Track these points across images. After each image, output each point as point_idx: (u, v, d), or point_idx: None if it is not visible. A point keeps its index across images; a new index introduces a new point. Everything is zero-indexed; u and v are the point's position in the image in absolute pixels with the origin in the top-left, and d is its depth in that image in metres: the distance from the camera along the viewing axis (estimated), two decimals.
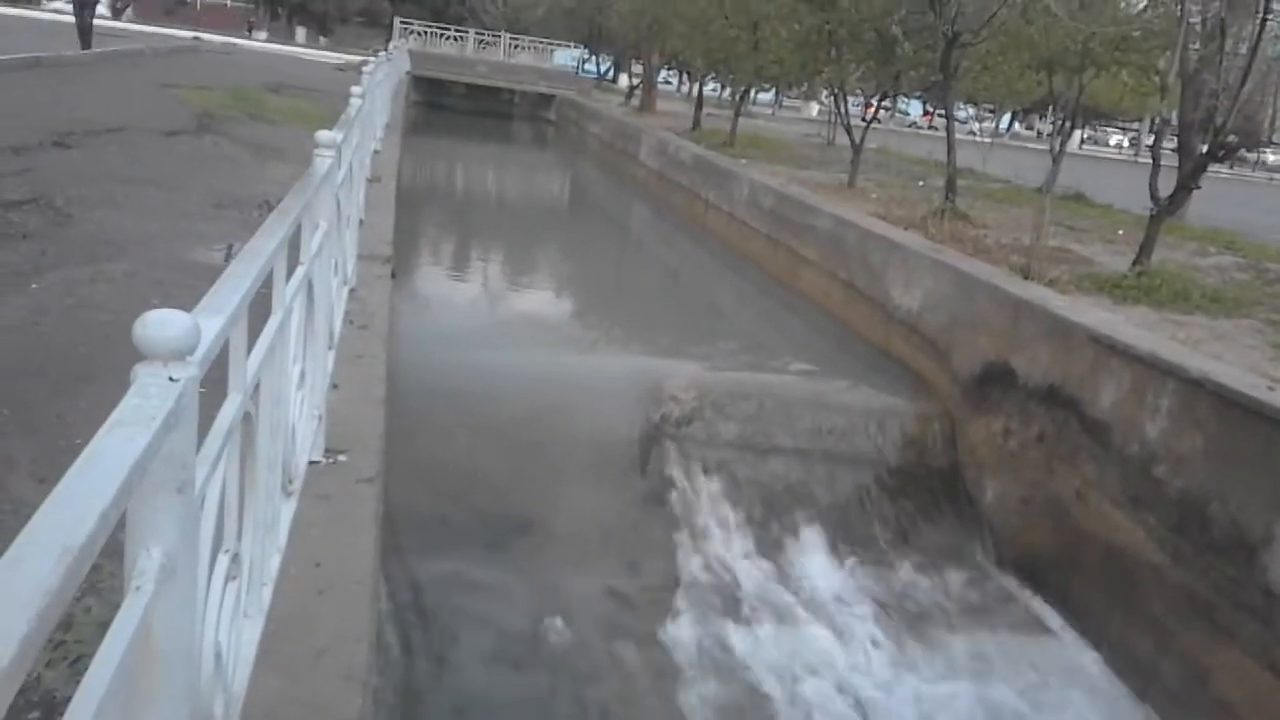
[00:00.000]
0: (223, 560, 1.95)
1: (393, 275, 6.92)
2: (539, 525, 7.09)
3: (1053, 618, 6.64)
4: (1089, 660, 6.19)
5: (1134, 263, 8.99)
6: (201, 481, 1.59)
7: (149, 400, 1.28)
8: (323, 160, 3.74)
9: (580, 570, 6.72)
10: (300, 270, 3.08)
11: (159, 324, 1.35)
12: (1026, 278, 8.50)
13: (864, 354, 9.80)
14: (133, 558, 1.33)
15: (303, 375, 3.24)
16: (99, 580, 3.16)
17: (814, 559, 7.33)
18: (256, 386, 2.35)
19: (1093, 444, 6.73)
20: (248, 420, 2.16)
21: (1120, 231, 11.95)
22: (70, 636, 2.84)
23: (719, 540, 7.34)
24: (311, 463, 3.60)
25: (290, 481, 3.08)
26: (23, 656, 0.77)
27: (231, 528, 2.06)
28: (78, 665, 2.75)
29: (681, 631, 6.24)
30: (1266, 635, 5.18)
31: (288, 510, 2.99)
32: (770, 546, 7.38)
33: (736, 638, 6.24)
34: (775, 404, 8.22)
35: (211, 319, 1.65)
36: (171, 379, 1.34)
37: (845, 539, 7.55)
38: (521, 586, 6.48)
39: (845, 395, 8.48)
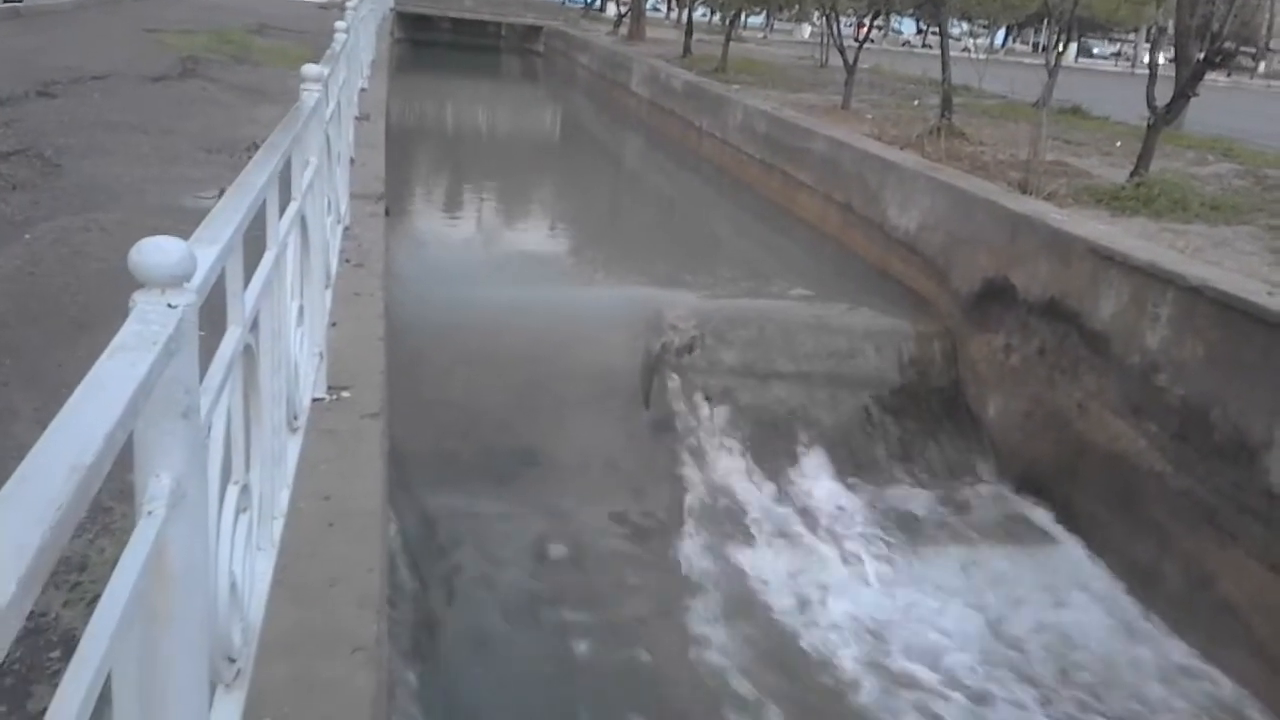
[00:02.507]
0: (232, 491, 1.97)
1: (386, 213, 6.88)
2: (544, 457, 7.14)
3: (1055, 528, 6.72)
4: (1091, 568, 6.27)
5: (1132, 174, 8.93)
6: (206, 410, 1.60)
7: (149, 326, 1.28)
8: (310, 94, 3.70)
9: (586, 499, 6.78)
10: (293, 206, 3.05)
11: (155, 250, 1.34)
12: (1024, 192, 8.45)
13: (863, 276, 9.78)
14: (143, 484, 1.34)
15: (301, 312, 3.24)
16: (111, 522, 3.19)
17: (817, 480, 7.39)
18: (256, 321, 2.35)
19: (1093, 356, 6.74)
20: (249, 353, 2.16)
21: (1118, 143, 11.84)
22: (85, 577, 2.87)
23: (722, 465, 7.39)
24: (315, 400, 3.61)
25: (295, 418, 3.09)
26: (39, 566, 0.78)
27: (239, 460, 2.07)
28: (95, 605, 2.79)
29: (688, 554, 6.32)
30: (1268, 536, 5.24)
31: (294, 446, 3.01)
32: (773, 469, 7.44)
33: (742, 557, 6.32)
34: (775, 329, 8.22)
35: (207, 249, 1.64)
36: (170, 305, 1.34)
37: (848, 460, 7.61)
38: (529, 517, 6.54)
39: (845, 318, 8.48)
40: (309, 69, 3.84)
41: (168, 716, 1.42)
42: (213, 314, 1.89)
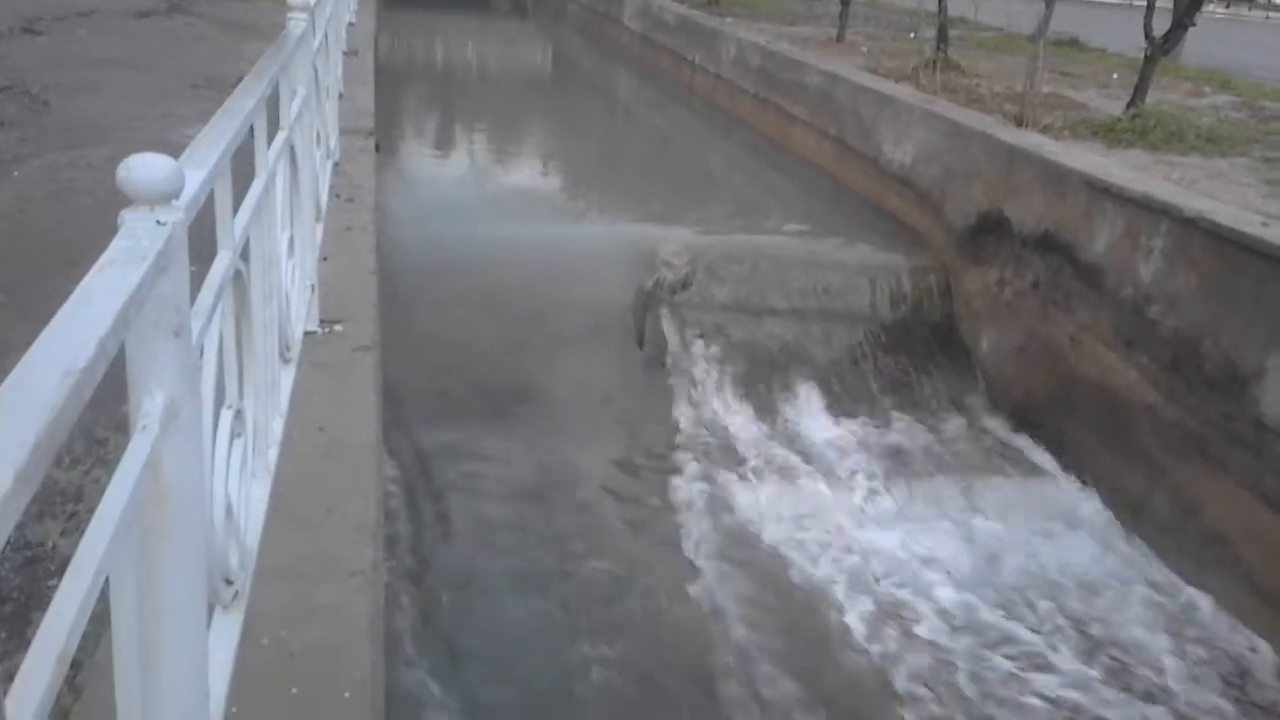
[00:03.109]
0: (226, 416, 1.98)
1: (376, 148, 6.82)
2: (538, 394, 7.16)
3: (1047, 460, 6.77)
4: (1082, 499, 6.33)
5: (1128, 106, 8.86)
6: (198, 331, 1.60)
7: (138, 242, 1.28)
8: (296, 23, 3.65)
9: (580, 436, 6.81)
10: (281, 135, 3.03)
11: (143, 167, 1.33)
12: (1020, 125, 8.39)
13: (857, 211, 9.73)
14: (137, 401, 1.34)
15: (291, 243, 3.22)
16: (106, 454, 3.21)
17: (811, 415, 7.42)
18: (246, 249, 2.34)
19: (1087, 289, 6.74)
20: (239, 280, 2.15)
21: (1114, 75, 11.74)
22: (81, 507, 2.89)
23: (716, 401, 7.42)
24: (308, 333, 3.62)
25: (288, 349, 3.10)
26: (35, 461, 0.78)
27: (232, 385, 2.08)
28: None
29: (681, 488, 6.37)
30: (1258, 465, 5.28)
31: (287, 377, 3.01)
32: (767, 405, 7.47)
33: (735, 492, 6.37)
34: (769, 265, 8.20)
35: (195, 169, 1.63)
36: (159, 223, 1.34)
37: (841, 395, 7.64)
38: (523, 453, 6.58)
39: (839, 253, 8.45)
40: None
41: (165, 631, 1.43)
42: (203, 251, 1.89)
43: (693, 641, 5.09)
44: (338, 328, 3.76)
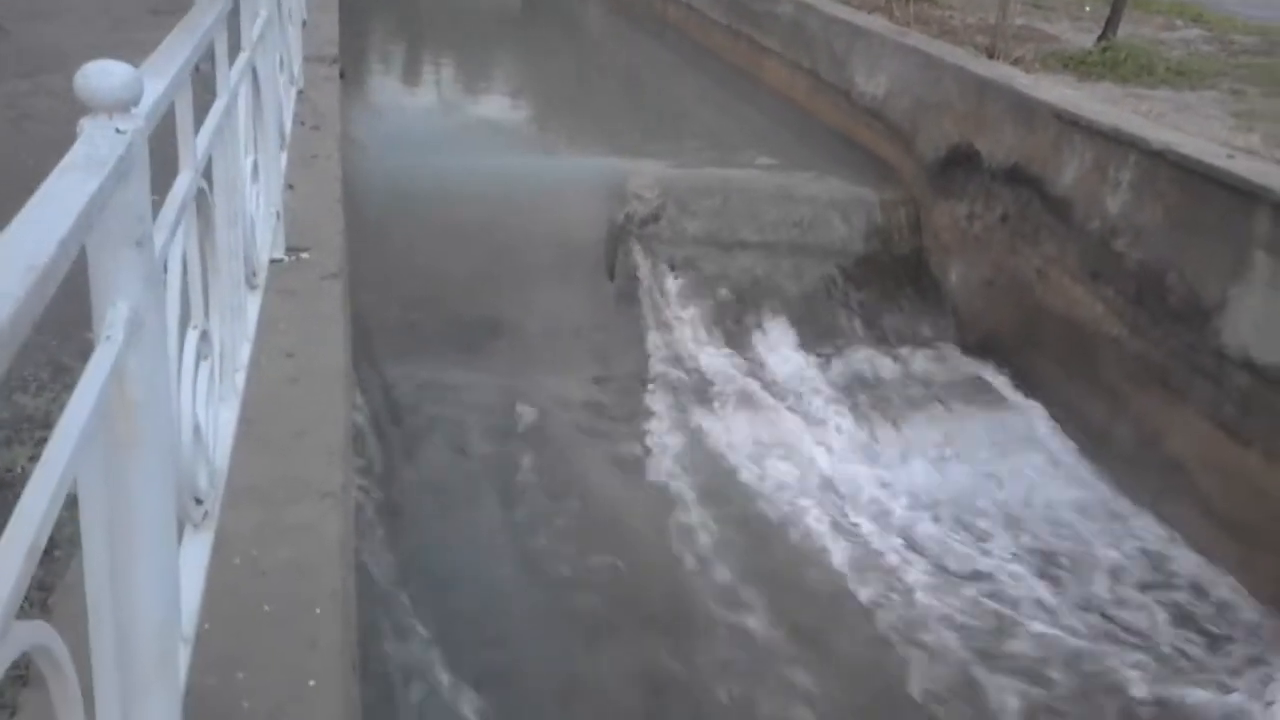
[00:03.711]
0: (192, 336, 1.96)
1: (341, 75, 6.71)
2: (509, 327, 7.15)
3: (1013, 392, 6.84)
4: (1046, 430, 6.42)
5: (1099, 38, 8.84)
6: (161, 245, 1.58)
7: (97, 149, 1.26)
8: None
9: (552, 369, 6.83)
10: (243, 56, 2.97)
11: (101, 74, 1.32)
12: (992, 57, 8.35)
13: (829, 144, 9.68)
14: (101, 312, 1.33)
15: (256, 168, 3.18)
16: (72, 381, 3.19)
17: (781, 349, 7.46)
18: (209, 170, 2.32)
19: (1055, 221, 6.78)
20: (203, 199, 2.13)
21: (1087, 8, 11.67)
22: (49, 434, 2.88)
23: (687, 335, 7.43)
24: (274, 260, 3.58)
25: (254, 275, 3.07)
26: None
27: (198, 306, 2.06)
28: None
29: (652, 420, 6.40)
30: (1217, 395, 5.37)
31: (253, 302, 2.99)
32: (738, 338, 7.49)
33: (706, 424, 6.42)
34: (740, 199, 8.17)
35: (154, 80, 1.60)
36: (118, 130, 1.32)
37: (812, 329, 7.67)
38: (494, 386, 6.58)
39: (810, 187, 8.43)
40: None
41: (136, 546, 1.44)
42: (168, 180, 1.86)
43: (658, 563, 5.15)
44: (304, 255, 3.73)
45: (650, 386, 6.85)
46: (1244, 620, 4.95)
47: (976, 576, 5.25)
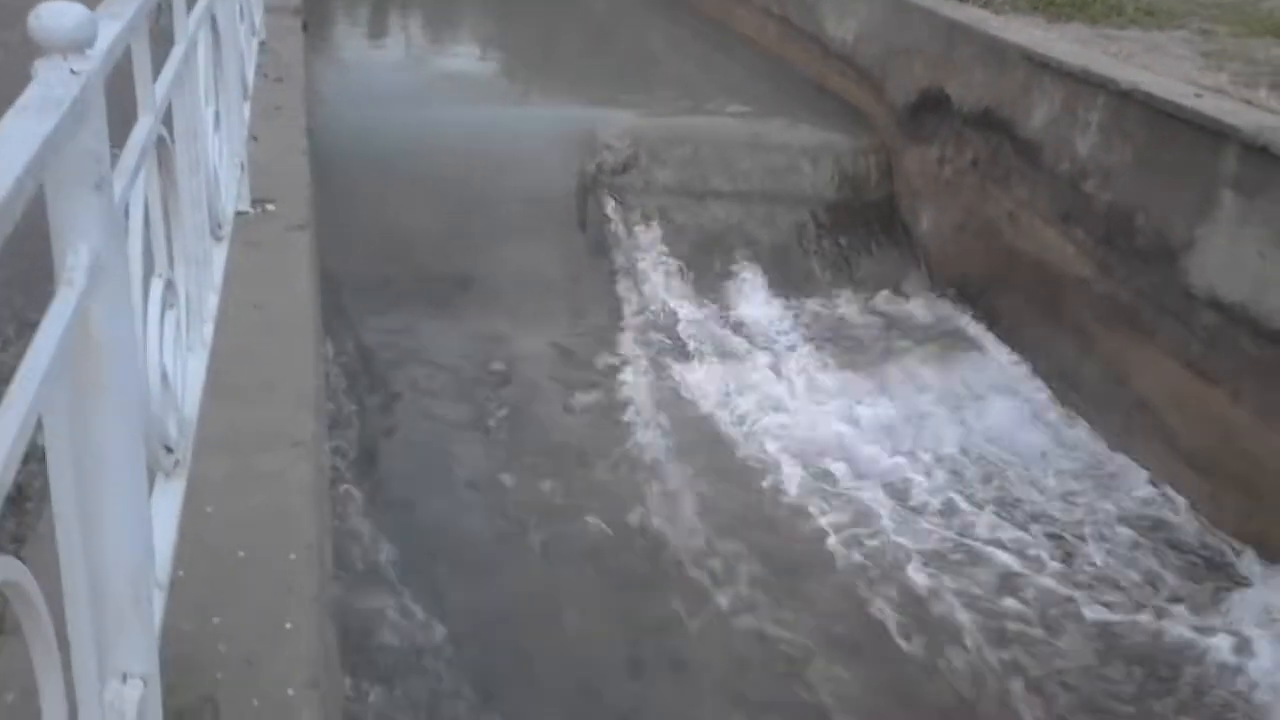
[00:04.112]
0: (157, 284, 1.95)
1: (304, 27, 6.61)
2: (480, 280, 7.13)
3: (984, 335, 6.91)
4: (1016, 371, 6.49)
5: None
6: (121, 190, 1.57)
7: (52, 90, 1.24)
8: None
9: (524, 320, 6.82)
10: (201, 2, 2.92)
11: (54, 14, 1.30)
12: (962, 0, 8.31)
13: (800, 91, 9.65)
14: (62, 258, 1.32)
15: (218, 118, 3.15)
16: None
17: (754, 297, 7.48)
18: (169, 117, 2.29)
19: (1025, 165, 6.79)
20: (164, 147, 2.11)
21: None
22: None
23: (660, 285, 7.44)
24: (239, 213, 3.55)
25: (219, 226, 3.04)
26: None
27: (162, 255, 2.05)
28: None
29: (625, 370, 6.43)
30: (1184, 333, 5.43)
31: (219, 254, 2.97)
32: (710, 287, 7.51)
33: (679, 372, 6.45)
34: (711, 147, 8.15)
35: (109, 21, 1.58)
36: (73, 71, 1.30)
37: (784, 276, 7.69)
38: (467, 339, 6.58)
39: (781, 134, 8.41)
40: None
41: (107, 493, 1.44)
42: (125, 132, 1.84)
43: (631, 509, 5.19)
44: (270, 207, 3.70)
45: (622, 336, 6.86)
46: (1207, 551, 5.05)
47: (945, 513, 5.33)
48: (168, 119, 2.28)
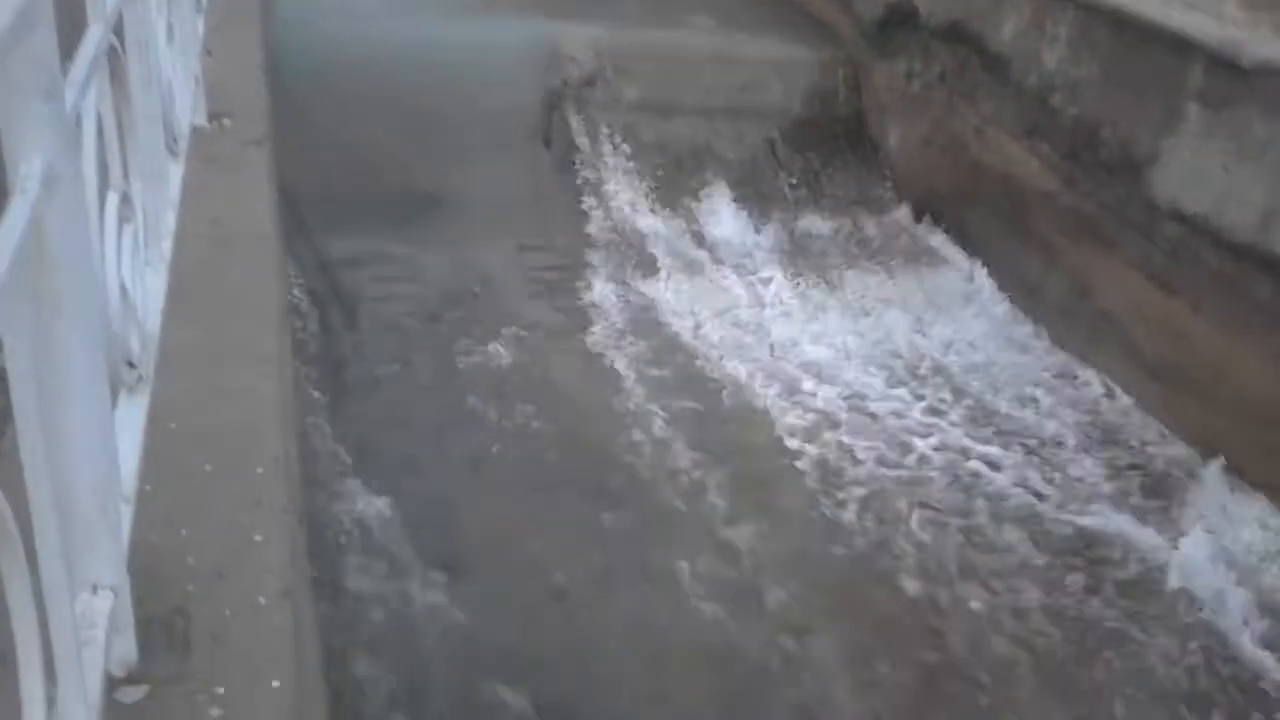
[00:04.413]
0: (112, 198, 1.92)
1: None
2: (447, 197, 7.04)
3: (951, 250, 6.94)
4: (982, 284, 6.54)
5: None
6: (73, 101, 1.53)
7: None
8: None
9: (491, 238, 6.76)
10: None
11: None
12: None
13: (767, 5, 9.48)
14: (14, 167, 1.30)
15: (171, 30, 3.06)
16: None
17: (721, 214, 7.45)
18: (120, 28, 2.23)
19: (992, 80, 6.76)
20: (115, 58, 2.06)
21: None
22: None
23: (626, 201, 7.38)
24: (196, 128, 3.48)
25: (175, 141, 2.98)
26: None
27: (116, 169, 2.01)
28: None
29: (593, 286, 6.41)
30: (1147, 246, 5.48)
31: (176, 169, 2.91)
32: (677, 204, 7.46)
33: (647, 289, 6.45)
34: (677, 62, 8.03)
35: None
36: None
37: (752, 193, 7.65)
38: (434, 258, 6.52)
39: (748, 49, 8.29)
40: None
41: (69, 407, 1.43)
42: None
43: (598, 422, 5.23)
44: (226, 122, 3.63)
45: (590, 253, 6.82)
46: (1165, 457, 5.17)
47: (902, 410, 5.44)
48: (119, 31, 2.22)
